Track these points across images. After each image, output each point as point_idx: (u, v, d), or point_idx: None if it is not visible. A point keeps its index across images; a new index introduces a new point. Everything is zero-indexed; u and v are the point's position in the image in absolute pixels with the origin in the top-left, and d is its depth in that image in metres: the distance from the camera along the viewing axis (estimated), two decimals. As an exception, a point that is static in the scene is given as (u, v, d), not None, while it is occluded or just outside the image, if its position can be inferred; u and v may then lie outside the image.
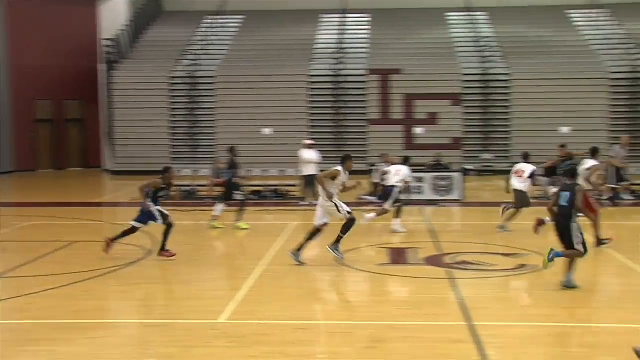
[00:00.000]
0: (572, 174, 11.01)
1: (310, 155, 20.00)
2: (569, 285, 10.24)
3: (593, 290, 10.73)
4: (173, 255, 12.41)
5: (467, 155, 28.88)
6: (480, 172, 28.06)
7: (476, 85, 29.45)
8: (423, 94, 29.14)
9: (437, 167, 22.30)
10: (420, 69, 29.55)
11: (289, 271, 11.75)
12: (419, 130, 29.27)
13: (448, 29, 33.20)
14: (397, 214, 15.55)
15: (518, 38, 31.74)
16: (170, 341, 8.17)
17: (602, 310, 9.60)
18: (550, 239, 14.76)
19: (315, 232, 12.17)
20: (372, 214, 15.18)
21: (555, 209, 10.45)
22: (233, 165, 16.23)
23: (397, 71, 29.60)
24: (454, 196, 20.54)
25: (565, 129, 28.43)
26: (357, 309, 9.88)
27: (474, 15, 33.10)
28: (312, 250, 14.75)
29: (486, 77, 29.35)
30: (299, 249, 12.15)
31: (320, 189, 12.20)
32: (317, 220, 12.21)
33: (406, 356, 7.69)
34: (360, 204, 19.67)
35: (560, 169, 16.74)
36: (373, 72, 29.78)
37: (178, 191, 21.54)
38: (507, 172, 27.12)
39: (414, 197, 20.43)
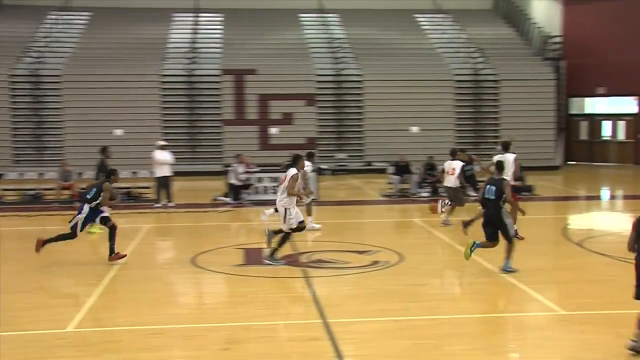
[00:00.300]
0: (500, 168, 11.72)
1: (163, 156, 19.57)
2: (508, 270, 11.02)
3: (442, 283, 11.15)
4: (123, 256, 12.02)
5: (321, 154, 29.30)
6: (335, 172, 28.58)
7: (330, 85, 29.96)
8: (278, 94, 29.30)
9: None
10: (275, 70, 29.70)
11: (142, 275, 11.43)
12: (273, 130, 29.40)
13: (302, 30, 33.58)
14: (309, 212, 15.67)
15: (369, 40, 32.61)
16: (12, 355, 7.69)
17: (448, 302, 9.99)
18: (405, 238, 15.26)
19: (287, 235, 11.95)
20: (272, 210, 14.92)
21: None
22: (103, 167, 15.75)
23: (251, 71, 29.58)
24: (312, 195, 20.71)
25: (415, 129, 29.51)
26: (212, 311, 9.74)
27: (327, 17, 33.67)
28: (167, 253, 14.47)
29: (339, 78, 29.93)
30: (273, 252, 11.96)
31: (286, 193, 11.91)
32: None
33: (262, 356, 7.66)
34: (215, 204, 19.49)
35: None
36: (227, 72, 29.59)
37: (23, 195, 20.51)
38: (361, 172, 28.37)
39: (270, 197, 20.47)
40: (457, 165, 16.05)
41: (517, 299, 10.04)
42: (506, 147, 14.45)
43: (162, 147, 19.86)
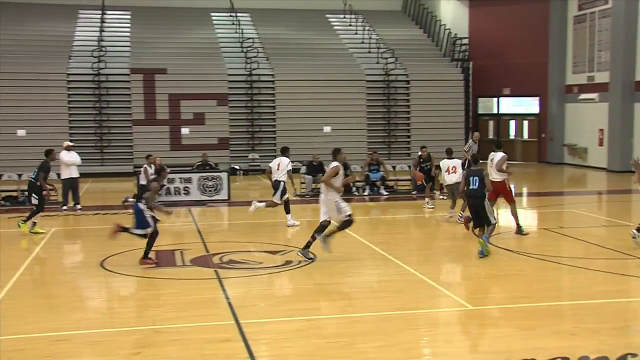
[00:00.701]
0: (475, 160, 12.84)
1: (70, 157, 18.98)
2: (486, 241, 12.27)
3: (354, 282, 11.22)
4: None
5: (234, 155, 29.10)
6: (248, 172, 28.43)
7: (242, 85, 29.75)
8: (189, 94, 28.88)
9: (204, 167, 22.20)
10: (186, 69, 29.27)
11: (48, 280, 11.05)
12: (185, 130, 28.97)
13: (213, 29, 33.23)
14: (287, 209, 15.98)
15: (281, 40, 32.57)
16: None
17: (361, 300, 10.07)
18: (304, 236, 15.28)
19: (321, 228, 12.15)
20: (262, 204, 15.17)
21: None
22: (45, 169, 15.68)
23: (161, 71, 29.04)
24: (221, 196, 20.59)
25: (327, 129, 29.67)
26: (122, 315, 9.49)
27: (238, 16, 33.43)
28: (74, 256, 14.02)
29: (251, 78, 29.76)
30: (307, 246, 12.17)
31: (323, 187, 12.23)
32: (322, 216, 12.24)
33: (173, 359, 7.53)
34: (126, 206, 19.04)
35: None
36: (136, 71, 28.96)
37: None
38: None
39: (182, 198, 20.20)
40: (458, 163, 16.41)
41: (427, 295, 10.21)
42: (499, 146, 15.13)
43: (69, 148, 19.26)
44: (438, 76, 31.04)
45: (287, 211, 16.15)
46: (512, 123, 33.79)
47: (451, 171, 16.47)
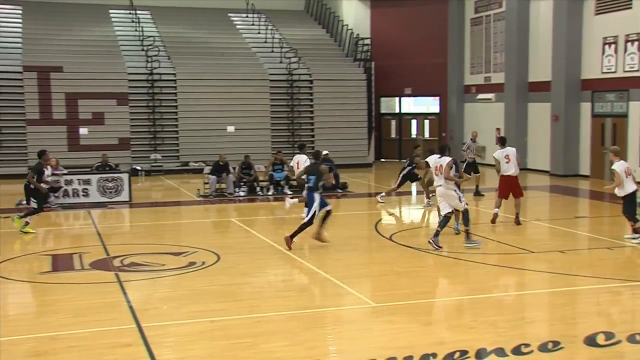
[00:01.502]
0: (443, 151, 13.65)
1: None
2: (458, 230, 13.80)
3: (259, 282, 11.16)
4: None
5: (135, 155, 28.45)
6: (150, 172, 27.88)
7: (142, 84, 29.10)
8: (87, 92, 27.98)
9: (104, 168, 21.60)
10: (83, 67, 28.35)
11: None
12: (83, 130, 28.08)
13: (112, 26, 32.36)
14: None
15: (183, 38, 32.07)
16: None
17: (266, 300, 10.03)
18: (222, 238, 15.13)
19: (446, 219, 13.07)
20: (296, 200, 15.10)
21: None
22: (37, 170, 15.22)
23: (57, 69, 28.01)
24: (122, 197, 20.07)
25: (231, 128, 29.43)
26: (16, 322, 9.07)
27: (138, 14, 32.68)
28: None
29: (152, 77, 29.17)
30: (467, 235, 13.11)
31: (443, 181, 13.02)
32: (445, 210, 13.07)
33: (71, 368, 7.27)
34: (20, 209, 18.27)
35: None
36: (29, 69, 27.80)
37: None
38: (177, 172, 27.87)
39: (81, 200, 19.59)
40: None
41: (331, 293, 10.27)
42: (503, 142, 16.16)
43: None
44: (341, 76, 31.32)
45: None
46: (414, 122, 34.49)
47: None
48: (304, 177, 13.81)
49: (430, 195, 17.45)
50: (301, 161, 16.63)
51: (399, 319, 8.89)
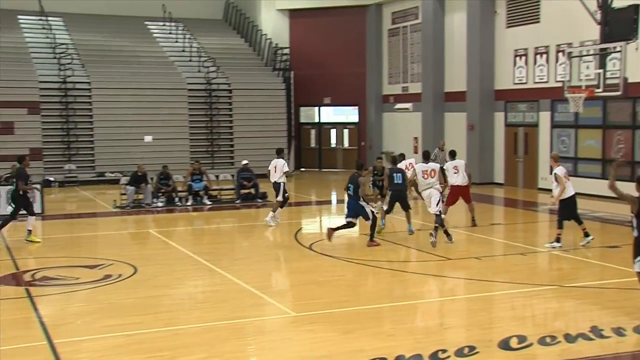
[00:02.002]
0: (395, 161, 15.75)
1: None
2: (411, 231, 15.15)
3: (177, 294, 10.97)
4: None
5: (48, 166, 27.58)
6: (64, 183, 27.08)
7: (55, 93, 28.27)
8: (-4, 101, 27.00)
9: (14, 179, 20.78)
10: (-9, 75, 27.34)
11: None
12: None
13: (21, 32, 31.32)
14: (282, 205, 17.15)
15: (97, 46, 31.36)
16: None
17: (185, 312, 9.85)
18: (140, 250, 14.86)
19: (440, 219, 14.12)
20: (272, 213, 16.39)
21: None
22: (22, 176, 15.06)
23: (-36, 76, 26.94)
24: (34, 209, 19.33)
25: (148, 138, 28.91)
26: None
27: (49, 20, 31.75)
28: None
29: (66, 85, 28.38)
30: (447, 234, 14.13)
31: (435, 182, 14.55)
32: (435, 209, 14.24)
33: (-23, 388, 6.94)
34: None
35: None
36: None
37: None
38: (92, 183, 27.15)
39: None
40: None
41: (251, 304, 10.18)
42: (453, 155, 16.77)
43: None
44: (260, 85, 31.27)
45: (281, 207, 17.14)
46: (333, 131, 34.70)
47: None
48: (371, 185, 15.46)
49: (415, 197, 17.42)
50: (278, 165, 17.07)
51: (319, 328, 8.88)
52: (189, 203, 21.24)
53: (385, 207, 15.95)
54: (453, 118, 28.10)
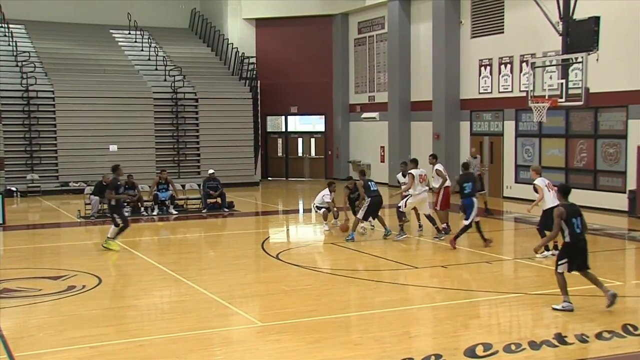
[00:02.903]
0: (364, 173, 17.37)
1: None
2: (352, 238, 15.65)
3: (143, 304, 10.84)
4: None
5: (10, 175, 27.13)
6: (26, 193, 26.67)
7: (17, 102, 27.84)
8: (-44, 110, 26.54)
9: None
10: (-48, 84, 26.87)
11: None
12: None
13: (-17, 41, 30.87)
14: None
15: (61, 54, 30.99)
16: None
17: (151, 323, 9.75)
18: (105, 260, 14.72)
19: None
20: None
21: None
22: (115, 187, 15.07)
23: None
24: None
25: (113, 147, 28.62)
26: None
27: (11, 28, 31.27)
28: None
29: (28, 94, 27.98)
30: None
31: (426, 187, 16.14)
32: (427, 211, 16.27)
33: None
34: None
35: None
36: None
37: None
38: (56, 193, 26.80)
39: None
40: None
41: (217, 314, 10.10)
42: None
43: None
44: (227, 94, 31.15)
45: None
46: (300, 141, 34.73)
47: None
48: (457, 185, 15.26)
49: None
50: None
51: (285, 338, 8.84)
52: (155, 213, 21.06)
53: (361, 216, 15.98)
54: (419, 127, 28.30)
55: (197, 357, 8.17)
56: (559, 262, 9.82)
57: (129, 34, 33.94)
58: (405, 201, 16.17)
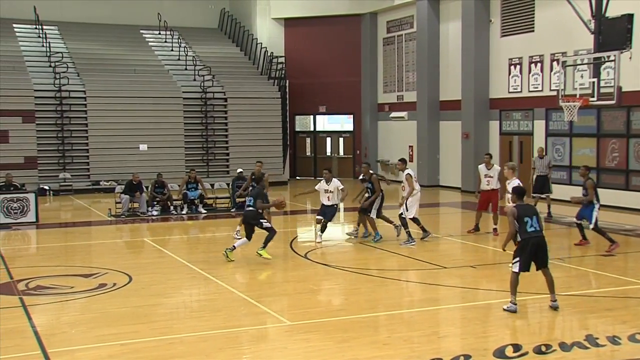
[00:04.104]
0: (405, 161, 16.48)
1: None
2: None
3: (172, 303, 10.93)
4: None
5: (43, 174, 27.52)
6: (59, 192, 27.02)
7: (50, 101, 28.23)
8: (-9, 110, 26.95)
9: (9, 188, 20.76)
10: (-14, 84, 27.29)
11: None
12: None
13: (17, 41, 31.30)
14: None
15: (93, 55, 31.33)
16: None
17: (180, 321, 9.82)
18: (135, 259, 14.85)
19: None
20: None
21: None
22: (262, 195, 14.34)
23: (-42, 84, 26.91)
24: (28, 218, 19.33)
25: (143, 147, 28.89)
26: None
27: (44, 29, 31.73)
28: None
29: (61, 94, 28.35)
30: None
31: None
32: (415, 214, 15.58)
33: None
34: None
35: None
36: None
37: None
38: (87, 192, 27.11)
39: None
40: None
41: (246, 312, 10.15)
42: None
43: None
44: (255, 94, 31.27)
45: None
46: (328, 140, 34.74)
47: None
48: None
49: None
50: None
51: (314, 337, 8.86)
52: (184, 212, 21.21)
53: (374, 215, 15.89)
54: (448, 126, 28.15)
55: (226, 356, 8.22)
56: (512, 261, 10.01)
57: (159, 34, 34.23)
58: (406, 206, 15.52)
